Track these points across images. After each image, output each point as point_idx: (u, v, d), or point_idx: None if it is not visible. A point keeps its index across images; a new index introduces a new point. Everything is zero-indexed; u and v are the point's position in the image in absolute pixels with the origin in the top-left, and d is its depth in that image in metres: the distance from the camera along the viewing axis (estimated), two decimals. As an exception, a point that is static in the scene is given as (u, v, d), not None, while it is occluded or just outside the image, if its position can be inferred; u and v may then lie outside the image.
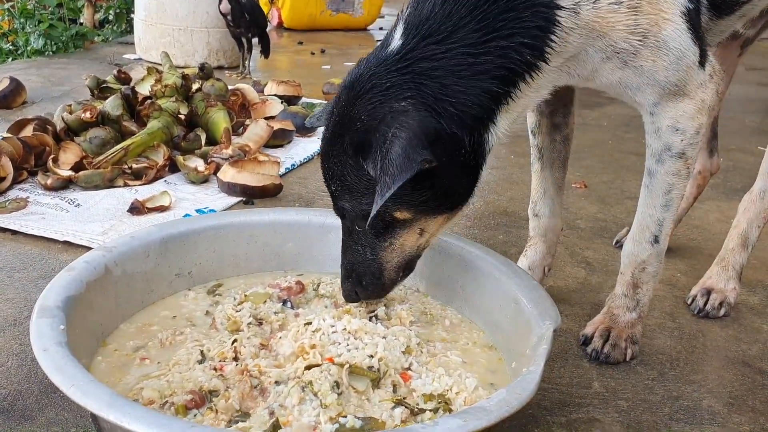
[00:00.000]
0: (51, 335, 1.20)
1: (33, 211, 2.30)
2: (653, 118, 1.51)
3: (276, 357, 1.37)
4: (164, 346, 1.45)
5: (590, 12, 1.34)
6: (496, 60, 1.32)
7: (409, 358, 1.38)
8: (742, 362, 1.74)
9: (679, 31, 1.39)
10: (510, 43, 1.32)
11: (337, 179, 1.39)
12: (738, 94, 4.82)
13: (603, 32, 1.37)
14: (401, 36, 1.34)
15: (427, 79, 1.30)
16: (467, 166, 1.37)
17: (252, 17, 4.23)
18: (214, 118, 2.97)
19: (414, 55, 1.31)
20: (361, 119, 1.31)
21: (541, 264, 1.94)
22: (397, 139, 1.25)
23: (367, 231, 1.42)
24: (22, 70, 4.34)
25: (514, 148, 3.41)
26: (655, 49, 1.40)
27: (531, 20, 1.31)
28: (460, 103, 1.31)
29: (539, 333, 1.34)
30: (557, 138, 1.84)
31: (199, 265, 1.68)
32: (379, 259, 1.45)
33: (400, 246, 1.44)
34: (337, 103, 1.38)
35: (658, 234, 1.62)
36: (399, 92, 1.29)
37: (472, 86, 1.31)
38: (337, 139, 1.36)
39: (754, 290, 2.12)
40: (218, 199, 2.52)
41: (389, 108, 1.29)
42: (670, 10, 1.38)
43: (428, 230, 1.45)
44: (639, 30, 1.37)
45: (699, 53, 1.44)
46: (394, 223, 1.40)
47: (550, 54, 1.35)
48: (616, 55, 1.40)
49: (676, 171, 1.54)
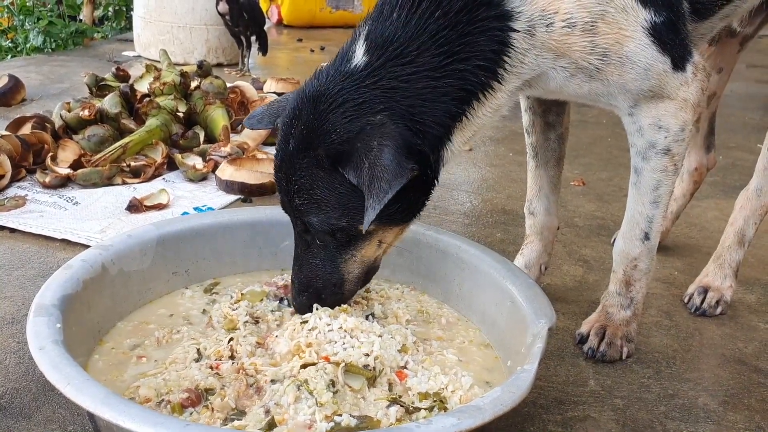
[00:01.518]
0: (47, 333, 1.20)
1: (31, 209, 2.30)
2: (633, 118, 1.52)
3: (272, 355, 1.37)
4: (161, 345, 1.45)
5: (544, 34, 1.36)
6: (454, 82, 1.36)
7: (405, 356, 1.38)
8: (738, 360, 1.75)
9: (643, 46, 1.40)
10: (467, 66, 1.36)
11: (304, 193, 1.37)
12: (738, 91, 4.82)
13: (561, 53, 1.38)
14: (365, 53, 1.36)
15: (396, 96, 1.33)
16: (425, 181, 1.40)
17: (250, 16, 4.26)
18: (213, 115, 2.97)
19: (381, 74, 1.34)
20: (337, 132, 1.32)
21: (538, 262, 1.95)
22: (385, 147, 1.27)
23: (330, 245, 1.43)
24: (21, 67, 4.34)
25: (513, 145, 3.42)
26: (619, 65, 1.41)
27: (485, 44, 1.35)
28: (426, 123, 1.35)
29: (534, 331, 1.34)
30: (551, 137, 1.85)
31: (196, 263, 1.69)
32: (341, 272, 1.46)
33: (361, 258, 1.46)
34: (299, 115, 1.37)
35: (649, 231, 1.62)
36: (372, 107, 1.32)
37: (435, 107, 1.35)
38: (305, 152, 1.35)
39: (751, 288, 2.13)
40: (216, 197, 2.52)
41: (366, 121, 1.31)
42: (630, 27, 1.38)
43: (385, 241, 1.48)
44: (598, 50, 1.38)
45: (671, 60, 1.43)
46: (358, 235, 1.42)
47: (505, 74, 1.39)
48: (579, 71, 1.42)
49: (662, 167, 1.54)
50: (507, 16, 1.34)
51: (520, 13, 1.34)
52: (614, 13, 1.36)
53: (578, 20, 1.35)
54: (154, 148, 2.74)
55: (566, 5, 1.34)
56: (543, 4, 1.34)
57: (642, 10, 1.38)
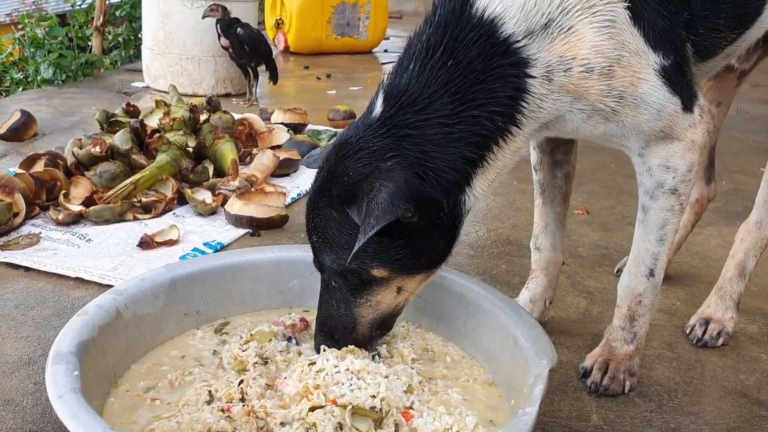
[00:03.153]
0: (66, 382, 1.25)
1: (45, 246, 2.36)
2: (643, 159, 1.56)
3: (281, 397, 1.41)
4: (173, 387, 1.49)
5: (563, 78, 1.40)
6: (469, 128, 1.40)
7: (411, 397, 1.42)
8: (740, 393, 1.77)
9: (655, 87, 1.45)
10: (482, 113, 1.40)
11: (320, 231, 1.45)
12: (742, 112, 4.84)
13: (579, 96, 1.43)
14: (382, 104, 1.43)
15: (408, 144, 1.39)
16: (444, 227, 1.44)
17: (251, 48, 4.31)
18: (222, 149, 3.03)
19: (393, 122, 1.40)
20: (349, 174, 1.40)
21: (543, 297, 1.99)
22: (384, 187, 1.33)
23: (343, 287, 1.48)
24: (32, 100, 4.43)
25: (517, 173, 3.45)
26: (634, 106, 1.45)
27: (501, 90, 1.39)
28: (439, 168, 1.39)
29: (536, 372, 1.37)
30: (558, 174, 1.89)
31: (207, 304, 1.73)
32: (354, 315, 1.51)
33: (376, 303, 1.50)
34: (327, 160, 1.47)
35: (654, 267, 1.66)
36: (384, 153, 1.38)
37: (449, 153, 1.40)
38: (324, 192, 1.44)
39: (753, 318, 2.15)
40: (225, 231, 2.57)
41: (376, 166, 1.38)
42: (643, 69, 1.43)
43: (406, 289, 1.51)
44: (615, 93, 1.43)
45: (681, 101, 1.49)
46: (372, 280, 1.46)
47: (523, 119, 1.43)
48: (596, 113, 1.46)
49: (669, 207, 1.59)
50: (523, 63, 1.39)
51: (537, 59, 1.38)
52: (629, 57, 1.41)
53: (596, 65, 1.40)
54: (165, 183, 2.79)
55: (584, 51, 1.39)
56: (561, 51, 1.39)
57: (653, 53, 1.44)
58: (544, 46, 1.38)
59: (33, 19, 5.73)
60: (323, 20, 6.82)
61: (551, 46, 1.38)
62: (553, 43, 1.38)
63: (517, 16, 1.37)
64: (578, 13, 1.37)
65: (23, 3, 8.98)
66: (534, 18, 1.37)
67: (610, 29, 1.38)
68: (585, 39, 1.38)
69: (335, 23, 6.88)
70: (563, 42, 1.38)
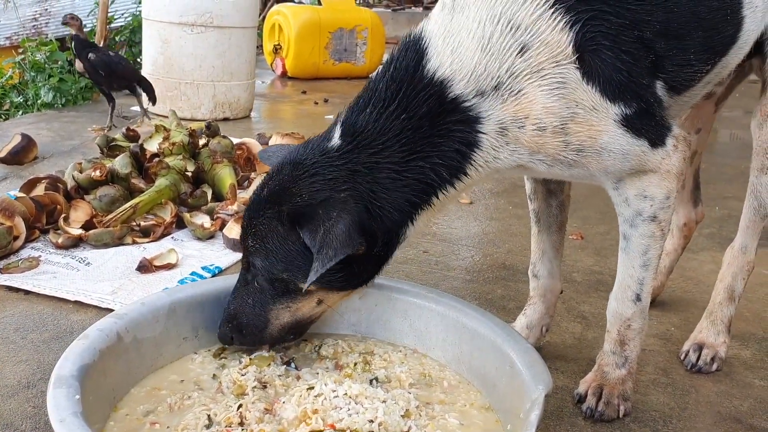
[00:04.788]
0: (67, 405, 1.26)
1: (45, 270, 2.37)
2: (618, 192, 1.60)
3: (280, 421, 1.42)
4: (173, 411, 1.50)
5: (518, 133, 1.46)
6: (416, 176, 1.51)
7: (408, 421, 1.43)
8: (734, 418, 1.79)
9: (617, 137, 1.48)
10: (427, 164, 1.50)
11: (259, 238, 1.54)
12: (734, 139, 4.90)
13: (536, 150, 1.48)
14: (340, 137, 1.52)
15: (359, 179, 1.48)
16: (379, 256, 1.56)
17: (107, 72, 4.22)
18: (221, 174, 3.06)
19: (349, 158, 1.49)
20: (302, 196, 1.48)
21: (540, 323, 2.01)
22: (341, 220, 1.42)
23: (267, 290, 1.58)
24: (32, 124, 4.46)
25: (512, 198, 3.49)
26: (596, 155, 1.49)
27: (447, 145, 1.48)
28: (384, 208, 1.50)
29: (532, 398, 1.39)
30: (553, 203, 1.92)
31: (206, 328, 1.75)
32: (268, 316, 1.61)
33: (295, 310, 1.61)
34: (279, 172, 1.55)
35: (640, 292, 1.69)
36: (338, 184, 1.47)
37: (396, 196, 1.50)
38: (271, 205, 1.53)
39: (746, 343, 2.17)
40: (224, 255, 2.59)
41: (330, 195, 1.46)
42: (602, 122, 1.46)
43: (327, 302, 1.63)
44: (572, 147, 1.47)
45: (648, 141, 1.51)
46: (297, 290, 1.56)
47: (475, 168, 1.51)
48: (557, 162, 1.51)
49: (650, 233, 1.62)
50: (473, 120, 1.46)
51: (489, 117, 1.46)
52: (584, 113, 1.45)
53: (548, 124, 1.45)
54: (164, 207, 2.82)
55: (535, 112, 1.44)
56: (513, 111, 1.45)
57: (612, 105, 1.46)
58: (497, 105, 1.45)
59: (34, 44, 5.77)
60: (321, 46, 6.91)
61: (503, 106, 1.45)
62: (505, 104, 1.44)
63: (466, 78, 1.44)
64: (527, 77, 1.42)
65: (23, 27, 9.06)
66: (484, 81, 1.44)
67: (561, 90, 1.42)
68: (535, 101, 1.43)
69: (333, 49, 6.96)
70: (514, 103, 1.44)
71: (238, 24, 4.68)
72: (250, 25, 4.84)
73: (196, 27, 4.54)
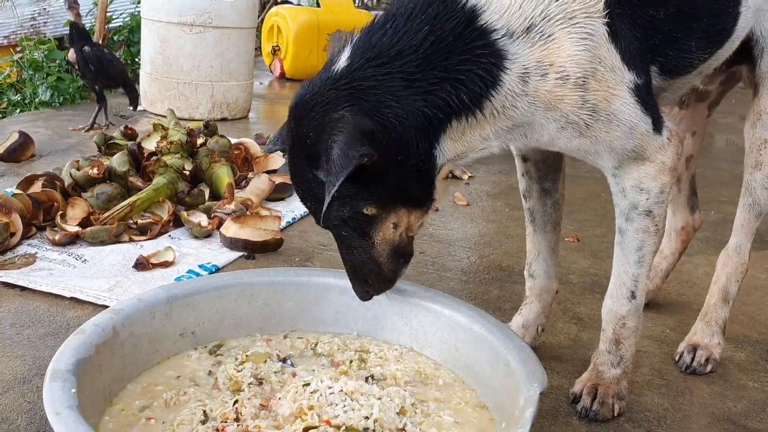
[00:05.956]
0: (63, 399, 1.26)
1: (41, 266, 2.37)
2: (616, 179, 1.62)
3: (275, 417, 1.43)
4: (169, 406, 1.50)
5: (538, 83, 1.45)
6: (431, 87, 1.42)
7: (404, 418, 1.43)
8: (728, 420, 1.80)
9: (628, 105, 1.50)
10: (447, 79, 1.42)
11: (309, 196, 1.51)
12: (730, 144, 4.92)
13: (553, 105, 1.47)
14: (347, 58, 1.46)
15: (364, 94, 1.41)
16: (418, 169, 1.48)
17: (97, 68, 4.19)
18: (218, 173, 3.06)
19: (354, 75, 1.42)
20: (309, 136, 1.44)
21: (535, 323, 2.01)
22: (335, 142, 1.36)
23: (351, 232, 1.54)
24: (30, 122, 4.46)
25: (509, 200, 3.50)
26: (606, 121, 1.50)
27: (470, 67, 1.42)
28: (395, 114, 1.41)
29: (527, 395, 1.40)
30: (548, 202, 1.93)
31: (202, 325, 1.75)
32: (371, 255, 1.57)
33: (381, 239, 1.55)
34: (288, 126, 1.52)
35: (635, 290, 1.70)
36: (337, 104, 1.41)
37: (406, 103, 1.41)
38: (297, 160, 1.50)
39: (741, 346, 2.18)
40: (221, 254, 2.60)
41: (328, 119, 1.40)
42: (617, 86, 1.48)
43: (401, 224, 1.55)
44: (588, 105, 1.47)
45: (652, 122, 1.54)
46: (367, 219, 1.51)
47: (492, 108, 1.46)
48: (570, 125, 1.50)
49: (645, 228, 1.63)
50: (502, 56, 1.43)
51: (515, 58, 1.43)
52: (604, 71, 1.46)
53: (571, 74, 1.44)
54: (161, 205, 2.82)
55: (561, 59, 1.43)
56: (539, 56, 1.43)
57: (627, 71, 1.49)
58: (524, 50, 1.43)
59: (32, 43, 5.78)
60: (319, 47, 6.91)
61: (531, 51, 1.43)
62: (533, 48, 1.43)
63: (500, 12, 1.42)
64: (559, 22, 1.42)
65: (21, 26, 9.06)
66: (517, 20, 1.42)
67: (588, 41, 1.43)
68: (563, 48, 1.43)
69: (331, 51, 6.96)
70: (542, 48, 1.43)
71: (237, 24, 4.69)
72: (249, 25, 4.85)
73: (194, 27, 4.54)
